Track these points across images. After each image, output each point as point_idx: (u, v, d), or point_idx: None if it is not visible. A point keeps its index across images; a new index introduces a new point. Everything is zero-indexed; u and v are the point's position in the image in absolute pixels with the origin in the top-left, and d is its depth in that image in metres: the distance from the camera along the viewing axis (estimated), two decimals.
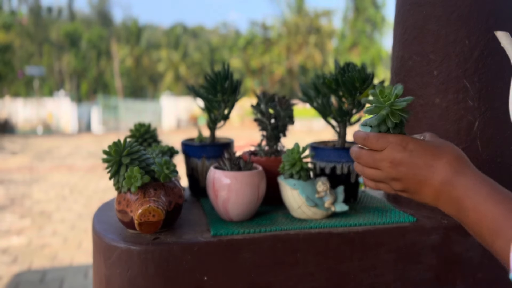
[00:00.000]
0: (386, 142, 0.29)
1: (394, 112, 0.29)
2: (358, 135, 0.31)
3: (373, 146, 0.30)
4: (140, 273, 0.37)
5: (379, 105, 0.29)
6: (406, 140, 0.29)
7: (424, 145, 0.29)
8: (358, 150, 0.31)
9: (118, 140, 0.39)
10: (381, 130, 0.30)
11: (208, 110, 0.52)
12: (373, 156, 0.30)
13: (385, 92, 0.29)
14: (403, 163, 0.29)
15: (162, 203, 0.38)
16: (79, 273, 1.60)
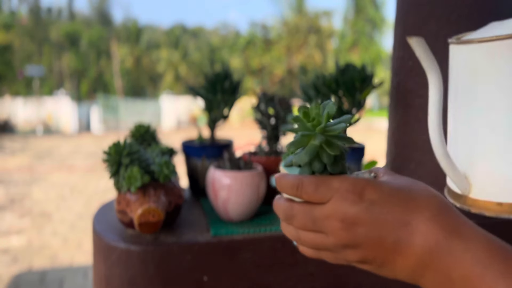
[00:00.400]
0: (330, 190, 0.18)
1: (330, 141, 0.19)
2: (285, 181, 0.19)
3: (311, 197, 0.19)
4: (140, 273, 0.37)
5: (307, 132, 0.19)
6: (360, 184, 0.18)
7: (388, 190, 0.18)
8: (288, 205, 0.20)
9: (118, 141, 0.39)
10: (315, 170, 0.19)
11: (208, 110, 0.52)
12: (312, 213, 0.19)
13: (311, 113, 0.19)
14: (361, 221, 0.18)
15: (162, 203, 0.38)
16: (79, 273, 1.60)
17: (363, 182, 0.19)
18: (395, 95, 0.50)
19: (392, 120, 0.50)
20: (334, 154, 0.19)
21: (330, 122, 0.19)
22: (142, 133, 0.51)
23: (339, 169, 0.20)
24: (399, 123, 0.49)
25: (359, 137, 0.40)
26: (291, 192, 0.19)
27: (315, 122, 0.19)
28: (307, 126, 0.19)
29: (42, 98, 9.13)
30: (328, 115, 0.19)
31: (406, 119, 0.48)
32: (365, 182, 0.19)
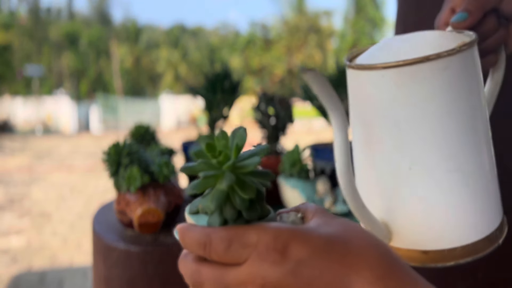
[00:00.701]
0: (246, 247, 0.14)
1: (242, 181, 0.14)
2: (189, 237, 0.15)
3: (222, 258, 0.15)
4: (139, 273, 0.37)
5: (212, 172, 0.14)
6: (283, 237, 0.14)
7: (318, 245, 0.14)
8: (196, 269, 0.15)
9: (118, 141, 0.39)
10: (227, 218, 0.15)
11: (208, 110, 0.52)
12: (224, 278, 0.14)
13: (217, 145, 0.15)
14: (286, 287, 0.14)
15: (161, 203, 0.38)
16: (79, 273, 1.60)
17: (288, 234, 0.14)
18: None
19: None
20: (248, 198, 0.14)
21: (241, 155, 0.15)
22: (142, 133, 0.51)
23: (257, 213, 0.15)
24: None
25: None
26: (198, 251, 0.15)
27: (222, 158, 0.14)
28: (212, 163, 0.14)
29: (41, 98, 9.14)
30: (238, 148, 0.14)
31: None
32: (290, 234, 0.14)
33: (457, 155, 0.19)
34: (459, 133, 0.19)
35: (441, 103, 0.18)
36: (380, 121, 0.20)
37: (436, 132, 0.19)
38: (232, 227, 0.15)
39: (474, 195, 0.19)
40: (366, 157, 0.21)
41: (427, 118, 0.19)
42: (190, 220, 0.16)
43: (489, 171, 0.21)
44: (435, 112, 0.18)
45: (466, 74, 0.19)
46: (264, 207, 0.16)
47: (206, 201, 0.15)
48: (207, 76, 0.51)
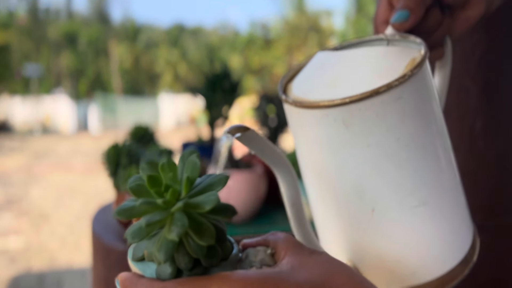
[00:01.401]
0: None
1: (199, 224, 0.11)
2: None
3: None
4: None
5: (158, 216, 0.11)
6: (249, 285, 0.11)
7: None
8: None
9: (117, 141, 0.39)
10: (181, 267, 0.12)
11: (207, 110, 0.52)
12: None
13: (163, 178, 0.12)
14: None
15: None
16: (78, 275, 1.59)
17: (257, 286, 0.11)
18: None
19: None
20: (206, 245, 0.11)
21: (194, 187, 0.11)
22: (141, 134, 0.51)
23: (218, 257, 0.12)
24: None
25: None
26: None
27: (170, 196, 0.11)
28: (158, 203, 0.11)
29: (40, 98, 9.11)
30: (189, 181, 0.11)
31: None
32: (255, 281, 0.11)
33: (420, 189, 0.17)
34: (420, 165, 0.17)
35: (398, 137, 0.16)
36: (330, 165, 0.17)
37: (395, 170, 0.17)
38: (188, 281, 0.11)
39: (443, 224, 0.18)
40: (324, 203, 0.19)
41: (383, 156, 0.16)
42: (135, 268, 0.12)
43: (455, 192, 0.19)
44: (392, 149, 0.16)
45: (422, 97, 0.17)
46: (225, 247, 0.12)
47: (151, 247, 0.11)
48: (206, 75, 0.51)
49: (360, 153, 0.17)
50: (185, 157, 0.12)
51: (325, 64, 0.19)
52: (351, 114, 0.16)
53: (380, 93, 0.16)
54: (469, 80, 0.44)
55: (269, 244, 0.14)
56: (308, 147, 0.18)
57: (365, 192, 0.17)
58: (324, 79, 0.18)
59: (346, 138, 0.16)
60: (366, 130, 0.16)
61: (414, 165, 0.17)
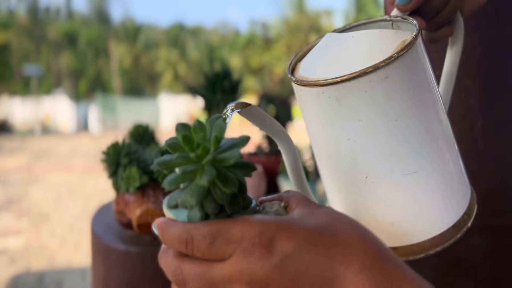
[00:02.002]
0: (230, 243, 0.13)
1: (225, 175, 0.13)
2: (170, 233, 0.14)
3: (206, 254, 0.14)
4: (139, 274, 0.37)
5: (191, 168, 0.13)
6: (269, 231, 0.13)
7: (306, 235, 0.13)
8: (177, 265, 0.14)
9: (116, 141, 0.39)
10: (208, 212, 0.14)
11: (207, 110, 0.52)
12: (209, 275, 0.14)
13: (195, 137, 0.14)
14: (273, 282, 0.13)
15: (160, 204, 0.37)
16: (78, 274, 1.59)
17: (273, 227, 0.13)
18: None
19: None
20: (230, 192, 0.13)
21: (220, 146, 0.14)
22: (141, 133, 0.51)
23: (239, 206, 0.14)
24: None
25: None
26: (180, 248, 0.14)
27: (201, 151, 0.13)
28: (190, 157, 0.13)
29: (40, 98, 9.11)
30: (217, 139, 0.13)
31: None
32: (275, 228, 0.13)
33: (411, 158, 0.18)
34: (409, 136, 0.18)
35: (386, 112, 0.18)
36: (328, 136, 0.19)
37: (385, 142, 0.18)
38: (215, 222, 0.14)
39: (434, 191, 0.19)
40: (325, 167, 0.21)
41: (373, 130, 0.18)
42: (169, 214, 0.15)
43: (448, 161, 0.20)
44: (381, 123, 0.18)
45: (410, 76, 0.18)
46: (246, 198, 0.15)
47: (185, 195, 0.14)
48: (206, 75, 0.51)
49: (352, 127, 0.18)
50: (213, 121, 0.14)
51: (329, 45, 0.20)
52: (343, 92, 0.18)
53: (368, 73, 0.17)
54: (470, 80, 0.44)
55: (283, 199, 0.16)
56: (309, 121, 0.21)
57: (358, 161, 0.19)
58: (325, 60, 0.20)
59: (339, 113, 0.18)
60: (357, 106, 0.18)
61: (404, 137, 0.18)
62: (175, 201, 0.14)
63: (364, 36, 0.19)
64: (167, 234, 0.14)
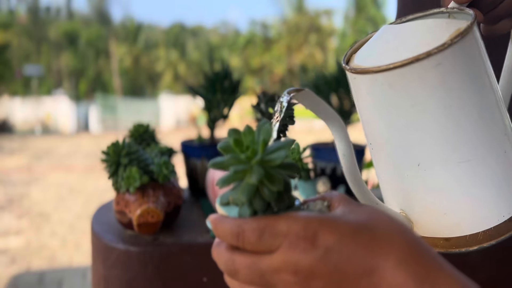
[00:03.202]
0: (278, 237, 0.15)
1: (271, 175, 0.15)
2: (222, 228, 0.16)
3: (255, 247, 0.15)
4: (139, 274, 0.37)
5: (241, 167, 0.15)
6: (312, 226, 0.15)
7: (346, 231, 0.15)
8: (229, 256, 0.16)
9: (117, 140, 0.39)
10: (257, 209, 0.16)
11: (207, 110, 0.52)
12: (259, 266, 0.15)
13: (244, 140, 0.15)
14: (317, 273, 0.14)
15: (161, 203, 0.37)
16: (78, 274, 1.60)
17: (316, 222, 0.15)
18: None
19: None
20: (277, 190, 0.15)
21: (268, 148, 0.15)
22: (141, 133, 0.51)
23: (285, 204, 0.16)
24: None
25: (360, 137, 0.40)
26: (231, 241, 0.16)
27: (250, 153, 0.15)
28: (241, 158, 0.15)
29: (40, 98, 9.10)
30: (264, 142, 0.15)
31: None
32: (319, 223, 0.15)
33: (465, 145, 0.18)
34: (463, 123, 0.18)
35: (439, 99, 0.18)
36: (381, 123, 0.20)
37: (439, 128, 0.18)
38: (263, 218, 0.15)
39: (489, 182, 0.19)
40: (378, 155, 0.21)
41: (426, 116, 0.18)
42: (221, 211, 0.18)
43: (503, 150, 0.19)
44: (434, 109, 0.18)
45: (464, 64, 0.18)
46: (291, 197, 0.16)
47: (236, 193, 0.15)
48: (206, 75, 0.51)
49: (405, 113, 0.19)
50: (260, 126, 0.16)
51: (384, 36, 0.21)
52: (396, 78, 0.18)
53: (420, 59, 0.18)
54: None
55: (326, 199, 0.17)
56: (363, 110, 0.21)
57: (411, 148, 0.19)
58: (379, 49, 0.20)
59: (392, 100, 0.19)
60: (410, 92, 0.18)
61: (457, 124, 0.18)
62: (227, 199, 0.16)
63: (419, 26, 0.20)
64: (220, 229, 0.16)
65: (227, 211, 0.19)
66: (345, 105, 0.48)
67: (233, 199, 0.16)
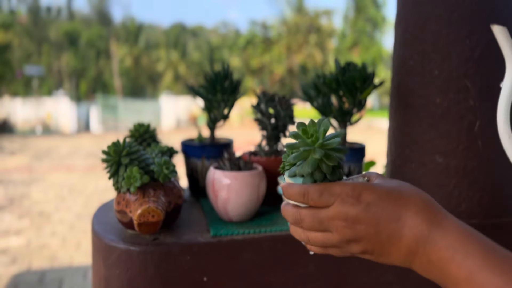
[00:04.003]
0: (333, 195, 0.22)
1: (328, 154, 0.22)
2: (291, 190, 0.23)
3: (316, 202, 0.22)
4: (139, 273, 0.37)
5: (307, 147, 0.22)
6: (358, 188, 0.22)
7: (381, 192, 0.22)
8: (295, 210, 0.23)
9: (117, 140, 0.39)
10: (316, 179, 0.23)
11: (208, 110, 0.52)
12: (318, 215, 0.22)
13: (309, 130, 0.23)
14: (360, 220, 0.22)
15: (161, 203, 0.38)
16: (78, 273, 1.60)
17: (360, 186, 0.22)
18: (395, 95, 0.50)
19: (393, 120, 0.50)
20: (332, 165, 0.23)
21: (326, 136, 0.23)
22: (142, 133, 0.51)
23: (337, 176, 0.23)
24: (400, 123, 0.49)
25: (360, 136, 0.40)
26: (298, 199, 0.23)
27: (314, 138, 0.23)
28: (307, 142, 0.23)
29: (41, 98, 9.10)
30: (324, 131, 0.23)
31: (407, 119, 0.48)
32: (362, 187, 0.22)
33: None
34: None
35: None
36: None
37: None
38: (322, 183, 0.23)
39: None
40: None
41: None
42: (289, 180, 0.24)
43: None
44: None
45: None
46: (341, 173, 0.24)
47: (302, 168, 0.23)
48: (207, 76, 0.51)
49: None
50: (321, 121, 0.23)
51: None
52: None
53: None
54: (469, 80, 0.44)
55: (366, 176, 0.25)
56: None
57: None
58: None
59: None
60: None
61: None
62: (294, 172, 0.24)
63: None
64: (290, 191, 0.23)
65: (293, 181, 0.24)
66: (345, 105, 0.48)
67: (298, 172, 0.23)
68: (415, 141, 0.47)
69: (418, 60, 0.47)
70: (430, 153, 0.46)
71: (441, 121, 0.45)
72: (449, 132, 0.45)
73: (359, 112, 0.48)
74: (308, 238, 0.23)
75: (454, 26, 0.44)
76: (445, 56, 0.45)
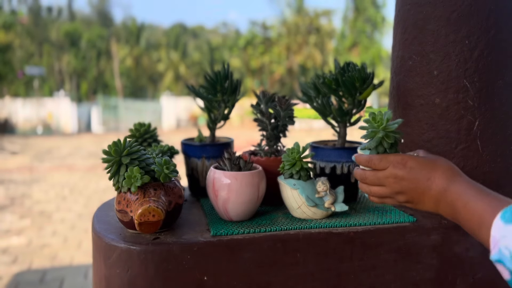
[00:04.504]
0: (388, 162, 0.35)
1: (388, 134, 0.36)
2: (361, 158, 0.37)
3: (376, 166, 0.36)
4: (140, 273, 0.37)
5: (374, 129, 0.36)
6: (405, 158, 0.35)
7: (420, 161, 0.35)
8: (362, 171, 0.38)
9: (118, 140, 0.39)
10: (379, 151, 0.37)
11: (208, 110, 0.52)
12: (377, 175, 0.36)
13: (377, 118, 0.37)
14: (405, 178, 0.35)
15: (162, 203, 0.38)
16: (79, 273, 1.60)
17: (407, 157, 0.35)
18: (395, 95, 0.50)
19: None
20: (391, 142, 0.36)
21: (388, 123, 0.36)
22: (142, 133, 0.51)
23: (394, 150, 0.37)
24: None
25: (360, 136, 0.40)
26: (364, 164, 0.37)
27: (379, 123, 0.36)
28: (374, 125, 0.37)
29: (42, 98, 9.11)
30: (387, 119, 0.36)
31: (406, 119, 0.48)
32: (408, 157, 0.35)
33: None
34: None
35: None
36: None
37: None
38: (382, 154, 0.37)
39: None
40: None
41: None
42: (360, 152, 0.38)
43: None
44: None
45: None
46: (397, 148, 0.37)
47: (370, 143, 0.37)
48: (207, 76, 0.51)
49: None
50: (386, 112, 0.37)
51: None
52: None
53: None
54: (468, 80, 0.44)
55: (415, 152, 0.39)
56: None
57: None
58: None
59: None
60: None
61: None
62: (364, 146, 0.38)
63: None
64: (360, 158, 0.38)
65: (363, 152, 0.38)
66: (345, 105, 0.48)
67: (367, 147, 0.37)
68: (415, 141, 0.47)
69: (417, 60, 0.47)
70: (430, 153, 0.46)
71: (441, 121, 0.45)
72: (449, 132, 0.45)
73: (358, 112, 0.48)
74: (370, 190, 0.37)
75: (453, 26, 0.44)
76: (444, 56, 0.45)
